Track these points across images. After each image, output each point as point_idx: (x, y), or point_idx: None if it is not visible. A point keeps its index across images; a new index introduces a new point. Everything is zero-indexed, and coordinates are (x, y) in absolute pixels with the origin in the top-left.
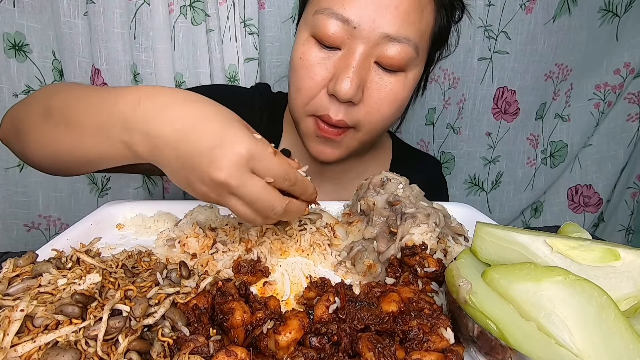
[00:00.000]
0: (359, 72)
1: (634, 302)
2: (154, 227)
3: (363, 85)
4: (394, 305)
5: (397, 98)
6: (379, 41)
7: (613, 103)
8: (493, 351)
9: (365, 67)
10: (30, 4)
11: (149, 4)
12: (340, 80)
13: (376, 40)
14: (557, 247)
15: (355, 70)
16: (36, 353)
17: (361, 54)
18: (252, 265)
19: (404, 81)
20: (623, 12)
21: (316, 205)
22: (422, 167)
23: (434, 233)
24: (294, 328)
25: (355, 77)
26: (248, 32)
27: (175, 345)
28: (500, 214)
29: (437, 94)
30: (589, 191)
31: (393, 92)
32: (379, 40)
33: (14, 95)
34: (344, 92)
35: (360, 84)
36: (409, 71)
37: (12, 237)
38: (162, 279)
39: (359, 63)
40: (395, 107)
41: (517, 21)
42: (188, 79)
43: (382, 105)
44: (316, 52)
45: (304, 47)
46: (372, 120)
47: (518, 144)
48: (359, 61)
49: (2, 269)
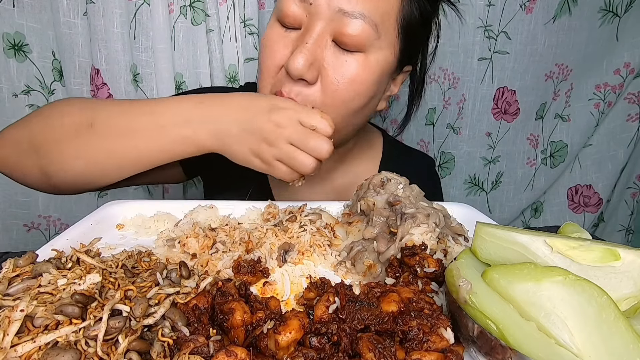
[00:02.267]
0: (313, 50)
1: (634, 302)
2: (154, 227)
3: (319, 65)
4: (394, 305)
5: (356, 79)
6: (334, 17)
7: (613, 103)
8: (493, 351)
9: (321, 45)
10: (30, 4)
11: (149, 4)
12: (292, 56)
13: (331, 15)
14: (557, 247)
15: (309, 46)
16: (36, 353)
17: (317, 31)
18: (252, 266)
19: (364, 62)
20: (623, 12)
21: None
22: (414, 165)
23: (434, 233)
24: (294, 328)
25: (308, 54)
26: (248, 32)
27: (175, 345)
28: (500, 214)
29: (437, 94)
30: (589, 191)
31: (350, 72)
32: (334, 15)
33: (13, 95)
34: (294, 67)
35: (315, 62)
36: (370, 52)
37: (12, 237)
38: (162, 279)
39: (314, 40)
40: (354, 90)
41: (517, 21)
42: (188, 79)
43: (338, 86)
44: (278, 32)
45: (268, 30)
46: (330, 104)
47: (518, 144)
48: (315, 38)
49: (2, 269)
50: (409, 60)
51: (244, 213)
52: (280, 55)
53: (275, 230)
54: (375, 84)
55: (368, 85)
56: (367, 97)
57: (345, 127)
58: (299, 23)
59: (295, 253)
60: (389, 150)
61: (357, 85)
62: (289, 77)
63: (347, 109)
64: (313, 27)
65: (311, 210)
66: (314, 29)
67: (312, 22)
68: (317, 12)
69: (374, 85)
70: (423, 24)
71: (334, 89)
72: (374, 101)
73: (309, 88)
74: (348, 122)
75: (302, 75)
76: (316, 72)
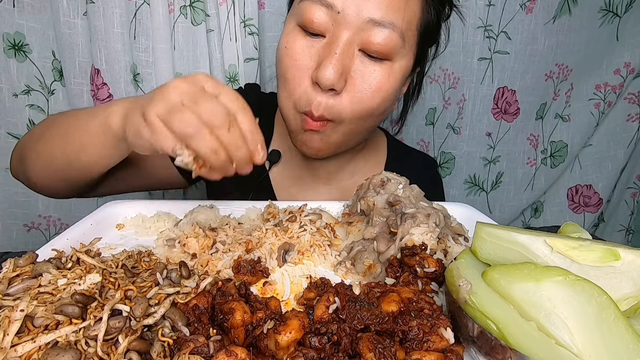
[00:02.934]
0: (342, 59)
1: (634, 302)
2: (154, 227)
3: (346, 74)
4: (394, 305)
5: (382, 88)
6: (364, 26)
7: (613, 103)
8: (493, 351)
9: (349, 54)
10: (30, 4)
11: (149, 4)
12: (322, 67)
13: (360, 25)
14: (557, 247)
15: (338, 57)
16: (36, 353)
17: (345, 41)
18: (252, 266)
19: (389, 70)
20: (623, 12)
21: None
22: (418, 166)
23: (434, 233)
24: (294, 328)
25: (338, 64)
26: (248, 32)
27: (175, 345)
28: (500, 214)
29: (437, 94)
30: (589, 191)
31: (377, 81)
32: (363, 25)
33: (13, 95)
34: (326, 79)
35: (344, 71)
36: (395, 61)
37: (12, 237)
38: (162, 279)
39: (343, 50)
40: (380, 98)
41: (517, 21)
42: None
43: (365, 94)
44: (301, 41)
45: (289, 37)
46: (355, 110)
47: (518, 144)
48: (342, 48)
49: (2, 269)
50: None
51: (244, 213)
52: (304, 65)
53: (275, 230)
54: (398, 90)
55: (392, 93)
56: (389, 103)
57: (362, 129)
58: (323, 30)
59: (295, 253)
60: (392, 151)
61: (383, 93)
62: (317, 88)
63: (371, 115)
64: (340, 36)
65: (311, 210)
66: (341, 38)
67: (340, 31)
68: (345, 22)
69: (396, 92)
70: (437, 28)
71: (360, 97)
72: (393, 105)
73: (335, 97)
74: (368, 126)
75: (333, 86)
76: (344, 82)
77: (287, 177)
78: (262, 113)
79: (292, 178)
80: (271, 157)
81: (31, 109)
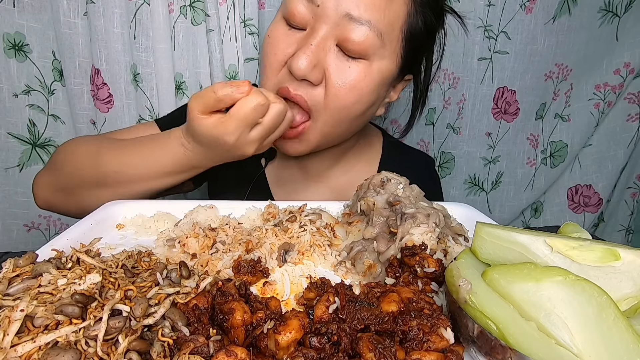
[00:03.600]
0: (317, 52)
1: (634, 302)
2: (154, 227)
3: (322, 66)
4: (393, 305)
5: (357, 85)
6: (340, 21)
7: (613, 103)
8: (493, 351)
9: (325, 48)
10: (30, 4)
11: (149, 4)
12: (296, 56)
13: (337, 20)
14: (557, 247)
15: (313, 48)
16: (36, 353)
17: (322, 35)
18: (252, 266)
19: (366, 70)
20: (623, 12)
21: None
22: (414, 164)
23: (434, 233)
24: (294, 328)
25: (312, 55)
26: (248, 32)
27: (175, 345)
28: (500, 214)
29: (437, 94)
30: (589, 191)
31: (352, 78)
32: (340, 20)
33: (13, 95)
34: (298, 67)
35: (318, 64)
36: (373, 61)
37: (12, 237)
38: (162, 279)
39: (319, 42)
40: (355, 96)
41: (517, 21)
42: (188, 79)
43: (339, 91)
44: (282, 30)
45: (272, 27)
46: (331, 107)
47: (518, 144)
48: (319, 41)
49: (2, 269)
50: (409, 70)
51: (244, 213)
52: (283, 53)
53: (275, 230)
54: (376, 92)
55: (368, 93)
56: (366, 104)
57: (342, 130)
58: (304, 23)
59: (295, 253)
60: (388, 150)
61: (358, 91)
62: (292, 76)
63: (347, 114)
64: (318, 29)
65: (311, 210)
66: (318, 31)
67: (318, 24)
68: (323, 15)
69: (374, 93)
70: (427, 36)
71: (335, 93)
72: (373, 108)
73: (314, 89)
74: (346, 126)
75: (306, 76)
76: (320, 74)
77: (280, 175)
78: None
79: (285, 175)
80: (267, 153)
81: (31, 109)
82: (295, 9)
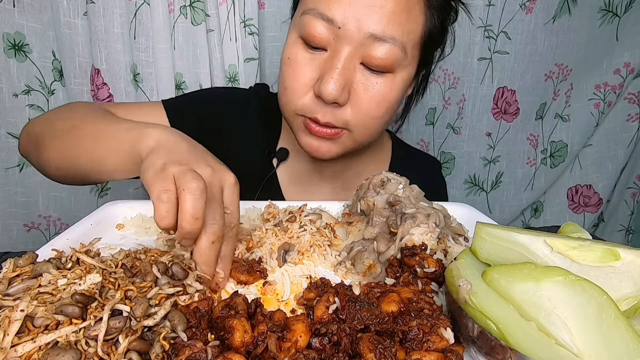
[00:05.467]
0: (343, 73)
1: (634, 302)
2: (154, 227)
3: (349, 87)
4: (393, 305)
5: (385, 99)
6: (364, 41)
7: (613, 103)
8: (493, 351)
9: (350, 68)
10: (30, 4)
11: (149, 4)
12: (324, 81)
13: (361, 40)
14: (557, 247)
15: (340, 71)
16: (36, 353)
17: (346, 55)
18: (250, 265)
19: (391, 82)
20: (623, 12)
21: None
22: (422, 167)
23: (434, 233)
24: (302, 331)
25: (340, 78)
26: (248, 32)
27: (172, 350)
28: (500, 214)
29: (437, 94)
30: (589, 191)
31: (380, 94)
32: (364, 40)
33: (13, 95)
34: (328, 92)
35: (346, 85)
36: (397, 72)
37: (12, 237)
38: (160, 274)
39: (344, 64)
40: (384, 108)
41: (517, 21)
42: (188, 79)
43: (369, 106)
44: (303, 53)
45: (291, 48)
46: (362, 121)
47: (518, 144)
48: (344, 62)
49: (2, 269)
50: (424, 65)
51: (244, 213)
52: (306, 78)
53: (275, 230)
54: (401, 98)
55: (396, 102)
56: (394, 110)
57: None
58: (324, 44)
59: (295, 253)
60: (397, 152)
61: (386, 103)
62: (320, 101)
63: (379, 124)
64: (341, 51)
65: (311, 210)
66: (342, 53)
67: (341, 45)
68: (346, 36)
69: (399, 100)
70: (442, 32)
71: (365, 109)
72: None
73: (342, 109)
74: (378, 132)
75: (336, 100)
76: (347, 94)
77: (293, 175)
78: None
79: (298, 176)
80: (279, 154)
81: (31, 109)
82: (315, 31)
